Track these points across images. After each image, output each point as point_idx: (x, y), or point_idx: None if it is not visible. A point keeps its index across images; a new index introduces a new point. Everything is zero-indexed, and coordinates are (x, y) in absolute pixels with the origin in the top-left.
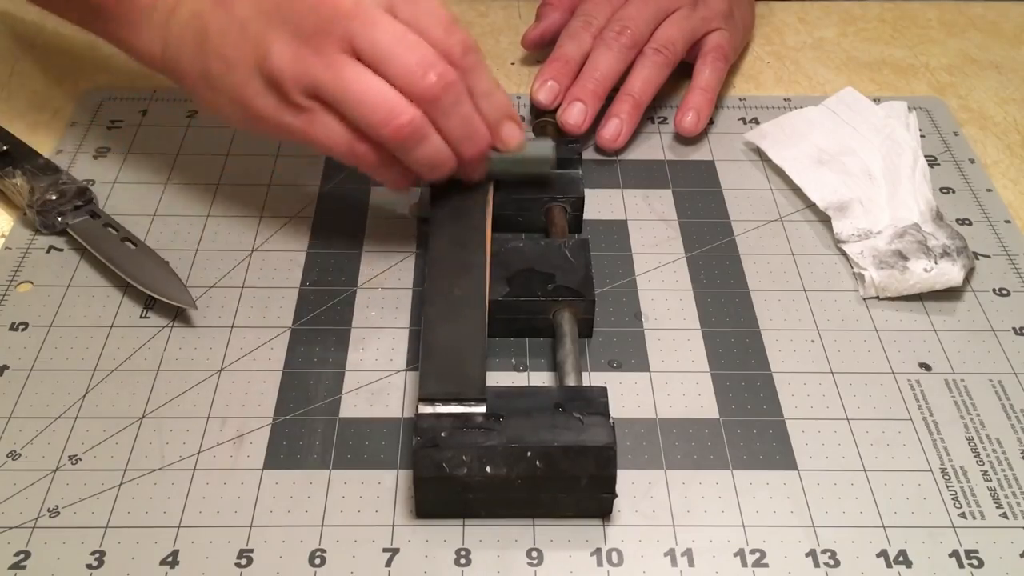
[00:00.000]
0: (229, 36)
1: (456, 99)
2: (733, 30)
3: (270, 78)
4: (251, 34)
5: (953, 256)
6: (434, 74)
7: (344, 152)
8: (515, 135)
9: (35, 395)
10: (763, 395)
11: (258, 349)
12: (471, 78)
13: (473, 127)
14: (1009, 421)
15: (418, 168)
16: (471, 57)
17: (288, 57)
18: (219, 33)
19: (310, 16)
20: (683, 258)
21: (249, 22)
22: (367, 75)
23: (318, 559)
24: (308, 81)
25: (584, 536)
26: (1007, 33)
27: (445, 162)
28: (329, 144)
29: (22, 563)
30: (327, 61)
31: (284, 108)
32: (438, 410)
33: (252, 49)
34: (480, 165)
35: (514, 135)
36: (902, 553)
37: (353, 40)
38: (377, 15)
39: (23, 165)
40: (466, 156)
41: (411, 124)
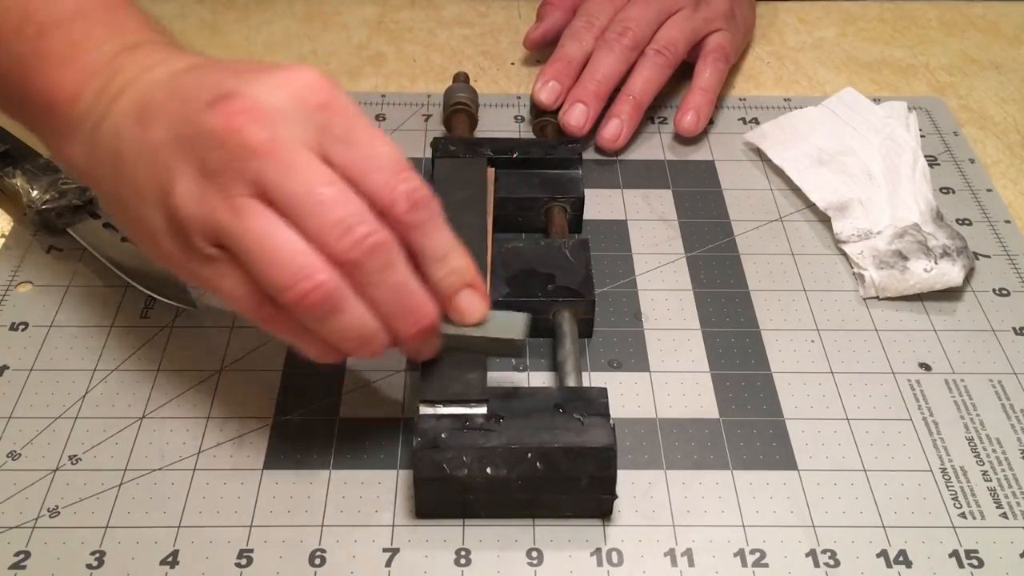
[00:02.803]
0: (141, 162)
1: (386, 264)
2: (734, 31)
3: (173, 219)
4: (160, 163)
5: (953, 256)
6: (358, 234)
7: (250, 313)
8: (474, 307)
9: (35, 395)
10: (763, 395)
11: (258, 349)
12: (419, 237)
13: (410, 298)
14: (1009, 421)
15: (337, 343)
16: (419, 213)
17: (192, 197)
18: (133, 157)
19: (217, 151)
20: (683, 258)
21: (161, 149)
22: (276, 227)
23: (318, 559)
24: (210, 227)
25: (584, 536)
26: (1007, 33)
27: (372, 337)
28: (233, 302)
29: (22, 563)
30: (232, 205)
31: (187, 253)
32: (439, 411)
33: (159, 180)
34: (425, 341)
35: (472, 307)
36: (902, 553)
37: (264, 184)
38: (294, 157)
39: (23, 165)
40: (401, 332)
41: (320, 290)
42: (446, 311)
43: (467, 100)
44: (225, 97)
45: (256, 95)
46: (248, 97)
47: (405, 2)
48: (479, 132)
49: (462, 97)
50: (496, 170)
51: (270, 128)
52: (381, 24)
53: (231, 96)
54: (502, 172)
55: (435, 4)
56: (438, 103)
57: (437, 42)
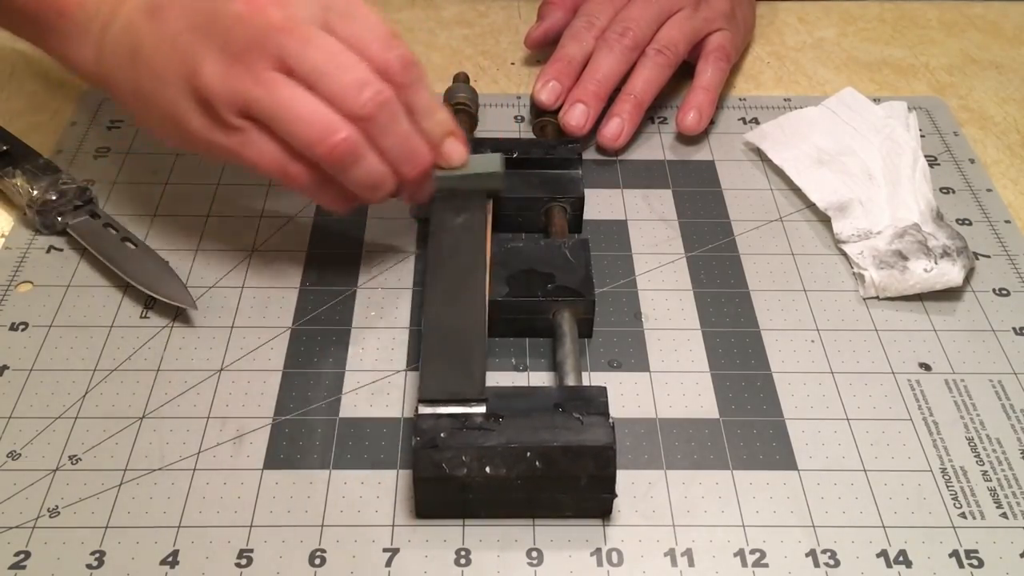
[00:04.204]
0: (160, 51)
1: (392, 117)
2: (735, 30)
3: (200, 96)
4: (182, 50)
5: (953, 256)
6: (369, 92)
7: (278, 173)
8: (457, 152)
9: (35, 395)
10: (763, 395)
11: (258, 349)
12: (410, 95)
13: (412, 145)
14: (1009, 421)
15: (356, 188)
16: (410, 73)
17: (218, 75)
18: (151, 48)
19: (240, 32)
20: (683, 258)
21: (180, 37)
22: (300, 93)
23: (318, 559)
24: (239, 99)
25: (584, 536)
26: (1007, 33)
27: (384, 182)
28: (262, 165)
29: (22, 563)
30: (258, 79)
31: (215, 128)
32: (438, 410)
33: (183, 65)
34: (423, 184)
35: (456, 152)
36: (902, 553)
37: (285, 57)
38: (310, 31)
39: (23, 165)
40: (406, 175)
41: (346, 142)
42: (435, 156)
43: (467, 100)
44: None
45: None
46: None
47: (405, 2)
48: (479, 132)
49: (462, 97)
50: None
51: (286, 9)
52: None
53: None
54: None
55: (435, 4)
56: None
57: (437, 42)
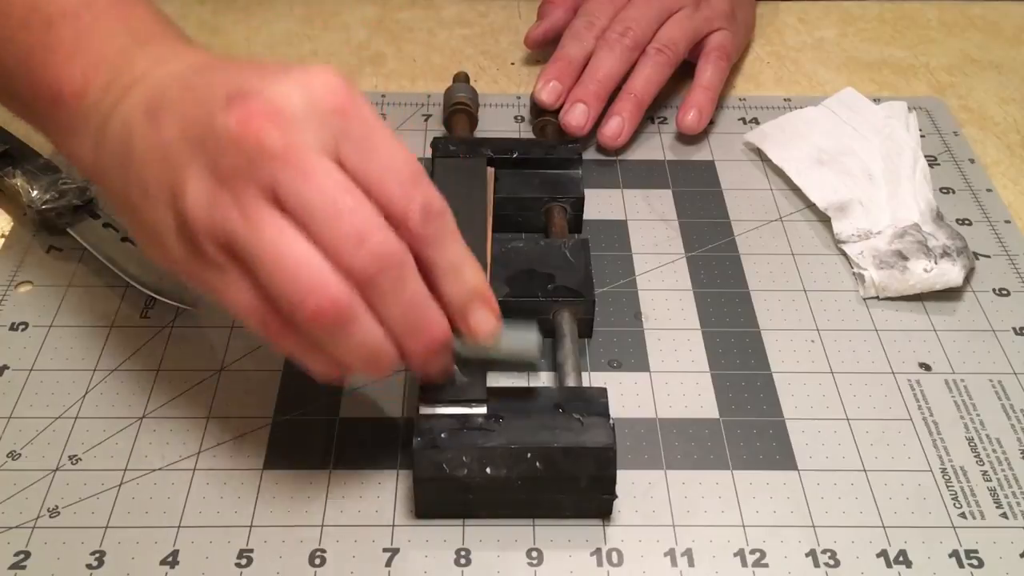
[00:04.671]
0: (150, 160)
1: (399, 279)
2: (735, 30)
3: (182, 222)
4: (171, 163)
5: (953, 256)
6: (372, 246)
7: (256, 325)
8: (486, 325)
9: (35, 395)
10: (763, 395)
11: (258, 349)
12: (433, 250)
13: (420, 316)
14: (1009, 421)
15: (346, 361)
16: (434, 225)
17: (202, 200)
18: (141, 154)
19: (232, 153)
20: (683, 258)
21: (172, 147)
22: (289, 237)
23: (318, 559)
24: (221, 233)
25: (584, 536)
26: (1007, 33)
27: (382, 356)
28: (240, 313)
29: (22, 563)
30: (245, 212)
31: (194, 259)
32: (438, 411)
33: (169, 182)
34: (435, 361)
35: (485, 325)
36: (902, 553)
37: (278, 190)
38: (311, 162)
39: (23, 165)
40: (411, 350)
41: (335, 306)
42: (457, 328)
43: (467, 100)
44: (242, 97)
45: (273, 96)
46: (265, 98)
47: (405, 2)
48: (479, 132)
49: (462, 97)
50: (496, 170)
51: (287, 132)
52: (381, 24)
53: (248, 96)
54: (502, 172)
55: (435, 4)
56: (438, 103)
57: (437, 42)
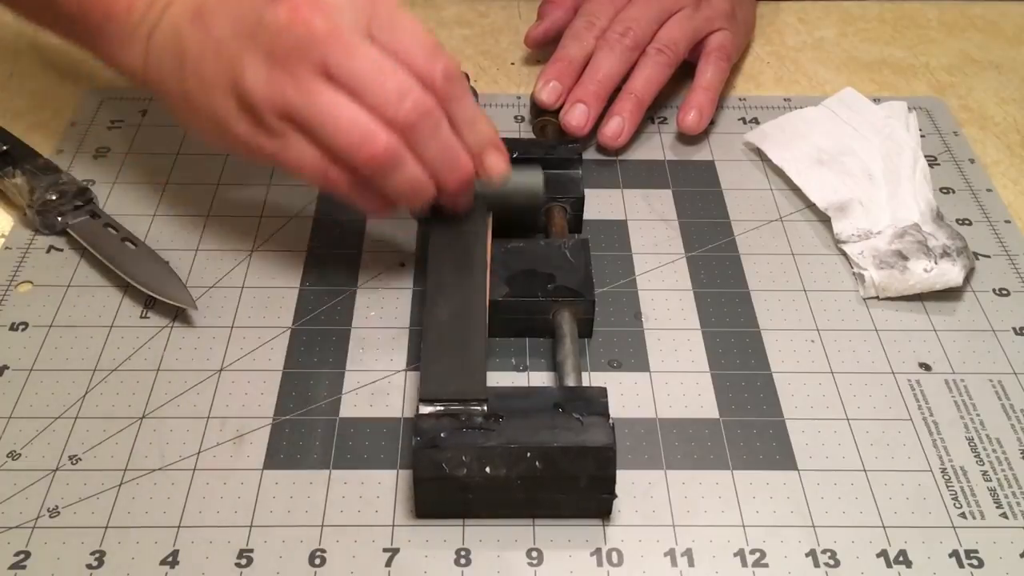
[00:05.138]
0: (206, 56)
1: (434, 126)
2: (735, 30)
3: (243, 100)
4: (227, 55)
5: (953, 256)
6: (411, 100)
7: (317, 176)
8: (499, 165)
9: (35, 395)
10: (763, 395)
11: (258, 349)
12: (453, 106)
13: (453, 155)
14: (1009, 421)
15: (395, 195)
16: (454, 85)
17: (261, 79)
18: (196, 52)
19: (284, 38)
20: (683, 258)
21: (225, 42)
22: (342, 100)
23: (318, 559)
24: (281, 104)
25: (584, 536)
26: (1007, 33)
27: (423, 190)
28: (303, 169)
29: (22, 563)
30: (301, 84)
31: (258, 131)
32: (438, 410)
33: (227, 70)
34: (464, 193)
35: (498, 165)
36: (902, 553)
37: (328, 66)
38: (354, 41)
39: (23, 165)
40: (447, 185)
41: (387, 150)
42: (476, 166)
43: None
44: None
45: None
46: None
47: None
48: None
49: None
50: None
51: (330, 18)
52: None
53: None
54: None
55: (435, 4)
56: None
57: None
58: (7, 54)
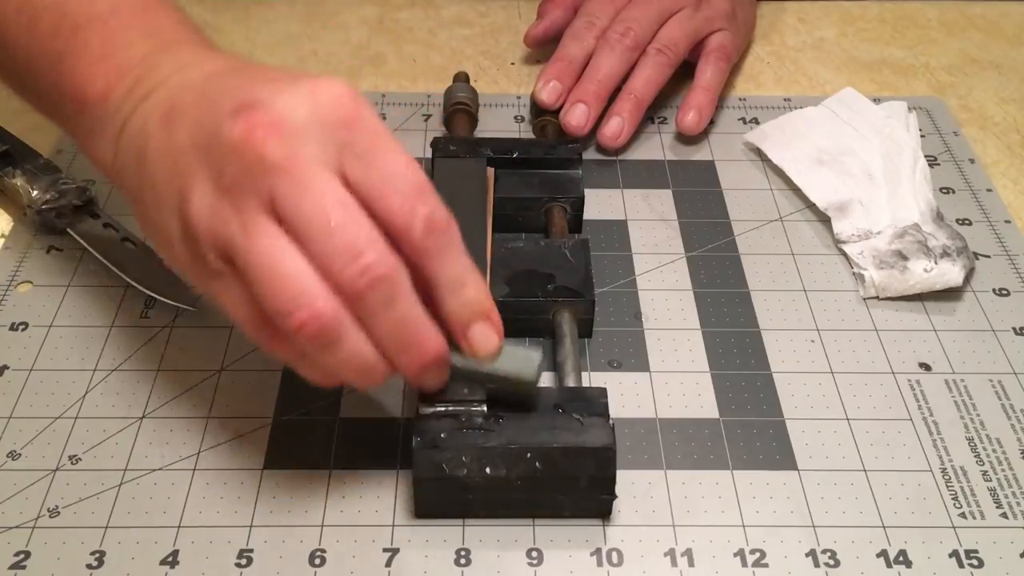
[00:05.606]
0: (162, 165)
1: (391, 297)
2: (735, 30)
3: (185, 227)
4: (180, 168)
5: (953, 256)
6: (363, 263)
7: (250, 332)
8: (487, 342)
9: (35, 395)
10: (763, 395)
11: (258, 349)
12: (435, 264)
13: (411, 334)
14: (1009, 421)
15: (336, 373)
16: (437, 239)
17: (205, 208)
18: (155, 158)
19: (234, 161)
20: (683, 258)
21: (182, 153)
22: (282, 249)
23: (318, 559)
24: (220, 241)
25: (584, 536)
26: (1007, 33)
27: (369, 370)
28: (236, 319)
29: (22, 563)
30: (243, 222)
31: (195, 263)
32: (438, 411)
33: (176, 187)
34: (430, 375)
35: (485, 342)
36: (902, 553)
37: (276, 201)
38: (309, 175)
39: (23, 165)
40: (402, 368)
41: (318, 320)
42: (457, 343)
43: (467, 100)
44: (247, 107)
45: (278, 107)
46: (270, 109)
47: (405, 2)
48: (479, 132)
49: (462, 97)
50: (496, 170)
51: (288, 144)
52: (381, 24)
53: (253, 106)
54: (502, 172)
55: (435, 4)
56: (438, 103)
57: (437, 42)
58: None
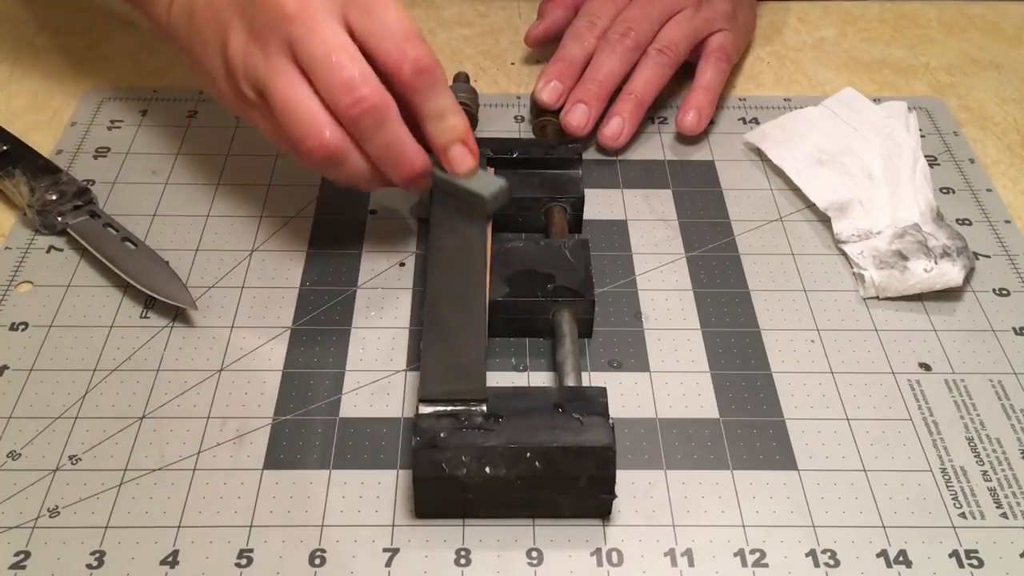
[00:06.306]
0: (207, 17)
1: (377, 123)
2: (736, 31)
3: (226, 67)
4: (221, 20)
5: (953, 256)
6: (356, 95)
7: (288, 151)
8: (462, 160)
9: (35, 395)
10: (763, 395)
11: (258, 349)
12: (420, 98)
13: (395, 152)
14: (1009, 421)
15: (343, 182)
16: (424, 77)
17: (240, 50)
18: (201, 13)
19: (261, 13)
20: (683, 258)
21: (222, 8)
22: (297, 86)
23: (318, 559)
24: (252, 77)
25: (584, 536)
26: (1007, 33)
27: (369, 182)
28: (274, 142)
29: (22, 563)
30: (269, 62)
31: (237, 97)
32: (438, 410)
33: (218, 34)
34: (415, 183)
35: (462, 160)
36: (902, 553)
37: (292, 45)
38: (319, 23)
39: (23, 165)
40: (393, 179)
41: (323, 147)
42: (440, 161)
43: (467, 100)
44: None
45: None
46: None
47: (405, 2)
48: (479, 132)
49: (462, 97)
50: (496, 170)
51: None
52: None
53: None
54: (502, 172)
55: (435, 4)
56: None
57: (437, 42)
58: (7, 54)
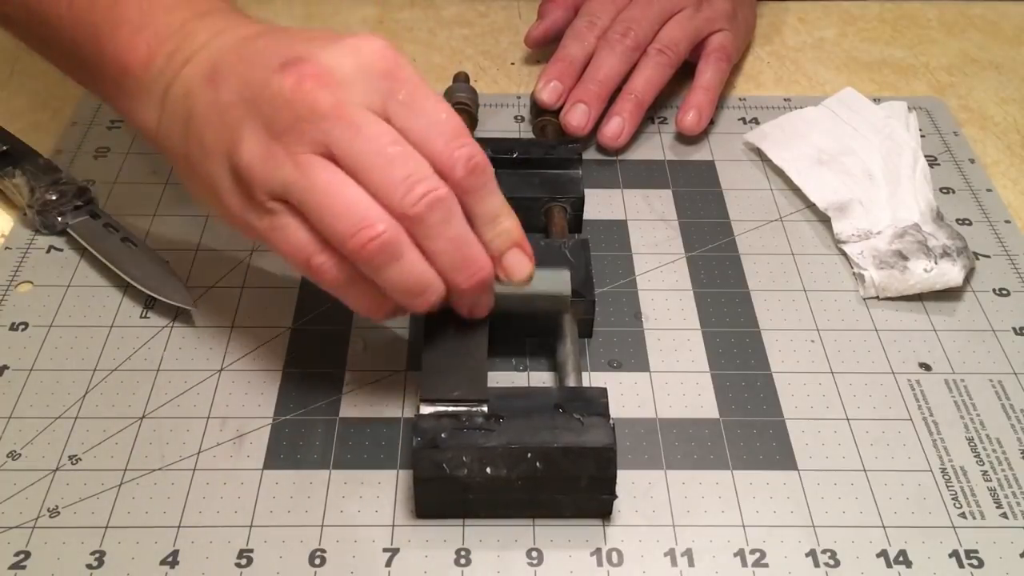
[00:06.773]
0: (210, 119)
1: (446, 218)
2: (736, 31)
3: (237, 173)
4: (229, 121)
5: (953, 256)
6: (422, 188)
7: (302, 264)
8: (522, 267)
9: (35, 395)
10: (763, 395)
11: (258, 349)
12: (473, 200)
13: (466, 251)
14: (1009, 421)
15: (394, 292)
16: (476, 178)
17: (257, 154)
18: (202, 115)
19: (286, 112)
20: (683, 258)
21: (229, 108)
22: (340, 180)
23: (318, 559)
24: (275, 182)
25: (584, 536)
26: (1007, 33)
27: (428, 287)
28: (287, 253)
29: (22, 563)
30: (297, 162)
31: (248, 207)
32: (439, 410)
33: (226, 139)
34: (481, 297)
35: (520, 267)
36: (902, 553)
37: (330, 144)
38: (361, 119)
39: (23, 165)
40: (460, 285)
41: (381, 238)
42: (495, 270)
43: (467, 100)
44: (295, 61)
45: (325, 60)
46: (317, 62)
47: (405, 2)
48: (479, 132)
49: (462, 97)
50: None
51: (337, 91)
52: (381, 24)
53: (301, 60)
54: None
55: (435, 4)
56: None
57: (437, 42)
58: (7, 54)
